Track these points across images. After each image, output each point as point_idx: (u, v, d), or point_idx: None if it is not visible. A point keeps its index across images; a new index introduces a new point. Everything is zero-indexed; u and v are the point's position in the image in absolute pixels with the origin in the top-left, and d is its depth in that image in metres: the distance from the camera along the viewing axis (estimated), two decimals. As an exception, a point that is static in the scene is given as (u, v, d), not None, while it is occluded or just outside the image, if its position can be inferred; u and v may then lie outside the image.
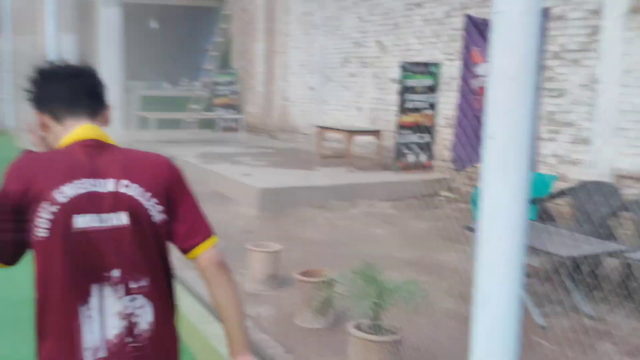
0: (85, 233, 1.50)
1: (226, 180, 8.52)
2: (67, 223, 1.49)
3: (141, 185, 1.57)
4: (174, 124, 13.88)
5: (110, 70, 9.91)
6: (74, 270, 1.50)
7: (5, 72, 17.77)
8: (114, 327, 1.53)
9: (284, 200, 7.50)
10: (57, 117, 1.64)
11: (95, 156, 1.57)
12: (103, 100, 1.71)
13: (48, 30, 9.23)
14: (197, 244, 1.63)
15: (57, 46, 10.62)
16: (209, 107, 14.77)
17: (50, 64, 1.67)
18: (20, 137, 13.38)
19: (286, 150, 11.68)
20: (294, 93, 12.90)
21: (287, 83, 13.21)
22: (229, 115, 13.50)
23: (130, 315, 1.54)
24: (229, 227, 6.50)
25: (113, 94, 2.18)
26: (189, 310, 4.11)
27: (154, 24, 14.91)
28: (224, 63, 15.19)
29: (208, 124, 14.92)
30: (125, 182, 1.55)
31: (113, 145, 1.64)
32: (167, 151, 11.16)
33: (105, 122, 1.70)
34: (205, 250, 1.63)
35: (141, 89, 15.08)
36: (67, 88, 1.65)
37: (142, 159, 1.64)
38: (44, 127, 1.66)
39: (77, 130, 1.61)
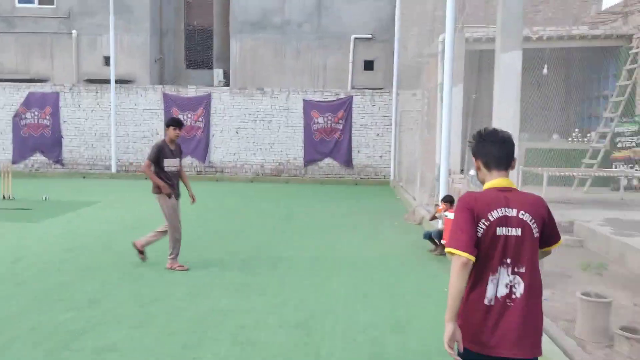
0: (501, 237, 2.73)
1: (657, 261, 6.47)
2: (493, 231, 2.73)
3: (530, 214, 2.75)
4: (565, 181, 12.16)
5: (506, 121, 8.89)
6: (490, 256, 2.74)
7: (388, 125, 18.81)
8: (502, 290, 2.73)
9: None
10: (487, 166, 2.88)
11: (507, 196, 2.78)
12: (513, 157, 2.89)
13: (446, 83, 8.74)
14: (553, 243, 2.87)
15: (449, 98, 10.15)
16: (606, 162, 12.55)
17: (487, 130, 2.92)
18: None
19: None
20: None
21: None
22: (636, 172, 11.03)
23: (512, 286, 2.72)
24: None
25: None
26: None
27: (545, 69, 13.56)
28: (626, 110, 12.78)
29: (605, 182, 12.71)
30: (522, 211, 2.75)
31: (515, 189, 2.85)
32: (563, 213, 9.55)
33: (512, 169, 2.89)
34: (553, 247, 2.89)
35: (526, 141, 13.80)
36: (498, 150, 2.84)
37: (530, 198, 2.81)
38: (478, 168, 2.93)
39: (498, 179, 2.84)
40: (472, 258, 2.66)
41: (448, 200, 8.40)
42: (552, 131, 14.95)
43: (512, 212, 2.71)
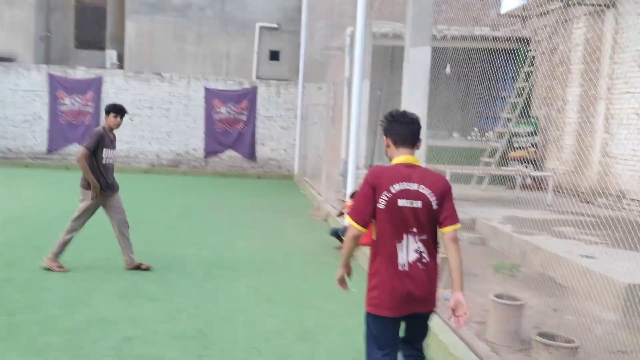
0: (402, 208, 3.00)
1: (558, 261, 6.51)
2: (394, 202, 2.99)
3: (430, 189, 3.02)
4: (463, 179, 12.35)
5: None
6: (396, 225, 3.01)
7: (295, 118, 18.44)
8: (413, 256, 3.03)
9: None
10: (395, 144, 3.14)
11: (409, 171, 3.05)
12: (419, 137, 3.17)
13: (355, 78, 8.44)
14: (448, 224, 3.06)
15: (359, 93, 9.87)
16: (504, 161, 12.90)
17: (397, 111, 3.24)
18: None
19: (614, 220, 9.12)
20: (622, 149, 10.31)
21: (611, 136, 10.67)
22: (535, 172, 11.37)
23: (420, 252, 3.03)
24: (583, 336, 4.56)
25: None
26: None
27: (447, 69, 13.71)
28: (523, 111, 13.20)
29: (501, 180, 13.07)
30: (422, 185, 3.02)
31: (419, 165, 3.11)
32: (465, 210, 9.58)
33: (417, 149, 3.16)
34: (450, 230, 3.07)
35: (427, 139, 13.91)
36: (405, 130, 3.13)
37: (432, 174, 3.11)
38: (388, 146, 3.18)
39: (404, 156, 3.10)
40: (363, 230, 3.03)
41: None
42: (452, 130, 15.23)
43: (413, 186, 3.00)
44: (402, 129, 3.11)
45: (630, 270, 5.80)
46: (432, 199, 2.99)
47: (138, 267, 6.65)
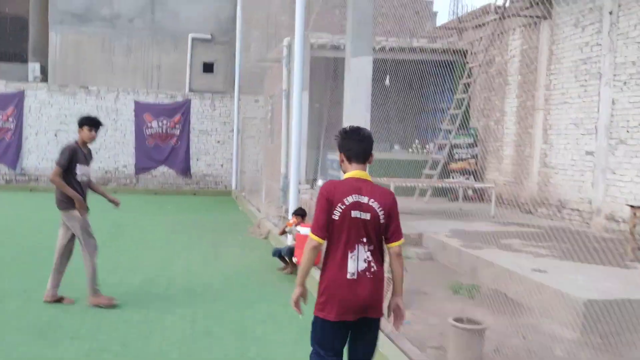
0: (355, 219, 3.14)
1: (510, 276, 6.28)
2: (348, 214, 3.14)
3: (378, 203, 3.17)
4: (406, 191, 12.14)
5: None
6: (349, 236, 3.14)
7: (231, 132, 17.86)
8: (362, 265, 3.15)
9: (618, 318, 5.03)
10: (349, 159, 3.28)
11: (361, 185, 3.20)
12: (371, 153, 3.30)
13: (295, 90, 8.04)
14: (394, 241, 3.23)
15: (299, 105, 9.49)
16: (445, 172, 12.81)
17: (351, 128, 3.36)
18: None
19: (558, 231, 9.10)
20: (561, 159, 10.37)
21: (549, 146, 10.74)
22: (478, 184, 11.28)
23: (369, 261, 3.16)
24: (544, 357, 4.31)
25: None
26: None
27: (387, 82, 13.55)
28: (462, 123, 13.19)
29: (443, 192, 12.97)
30: (372, 199, 3.17)
31: (370, 181, 3.25)
32: (410, 224, 9.32)
33: (369, 163, 3.29)
34: (396, 246, 3.23)
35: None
36: (358, 146, 3.26)
37: (381, 190, 3.25)
38: (342, 161, 3.33)
39: (356, 171, 3.24)
40: (322, 241, 3.16)
41: (300, 213, 7.66)
42: (393, 142, 15.08)
43: (364, 199, 3.14)
44: (355, 145, 3.26)
45: (585, 285, 5.62)
46: (380, 213, 3.16)
47: (59, 301, 5.94)
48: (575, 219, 9.93)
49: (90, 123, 6.00)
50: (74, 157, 5.84)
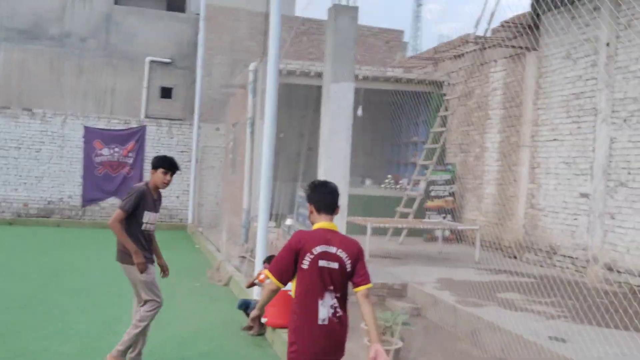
0: (322, 268, 3.28)
1: (525, 345, 5.28)
2: (316, 263, 3.28)
3: (346, 252, 3.32)
4: (378, 230, 11.15)
5: (336, 162, 7.44)
6: (317, 284, 3.27)
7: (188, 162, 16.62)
8: (329, 311, 3.28)
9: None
10: (318, 211, 3.43)
11: (329, 236, 3.35)
12: (337, 205, 3.48)
13: (267, 118, 7.03)
14: (362, 285, 3.32)
15: (270, 134, 8.44)
16: (420, 211, 11.90)
17: (319, 182, 3.54)
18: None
19: (554, 281, 8.23)
20: (551, 200, 9.58)
21: (537, 186, 9.97)
22: (462, 226, 10.35)
23: (335, 307, 3.29)
24: None
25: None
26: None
27: (359, 112, 12.67)
28: (439, 158, 12.36)
29: (418, 232, 12.05)
30: (340, 249, 3.32)
31: (337, 231, 3.42)
32: (389, 271, 8.31)
33: (336, 214, 3.47)
34: (363, 289, 3.32)
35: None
36: (326, 198, 3.44)
37: (348, 240, 3.42)
38: (311, 212, 3.47)
39: (324, 222, 3.41)
40: (281, 286, 3.37)
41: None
42: (364, 176, 14.16)
43: (332, 249, 3.32)
44: (323, 197, 3.45)
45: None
46: (347, 262, 3.32)
47: None
48: (568, 266, 9.10)
49: (167, 166, 5.17)
50: (141, 202, 5.04)
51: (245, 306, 6.52)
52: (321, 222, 3.40)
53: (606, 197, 8.40)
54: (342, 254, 3.29)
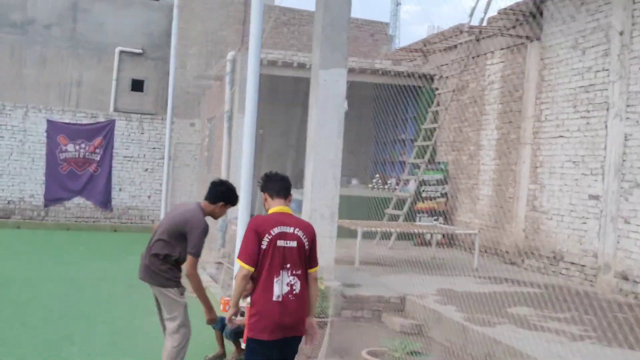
0: (281, 248, 3.52)
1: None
2: (274, 243, 3.51)
3: (303, 232, 3.61)
4: (366, 234, 10.30)
5: (325, 159, 6.57)
6: (274, 263, 3.51)
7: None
8: (286, 288, 3.52)
9: None
10: (271, 197, 3.73)
11: (284, 218, 3.61)
12: (290, 192, 3.77)
13: (247, 111, 6.10)
14: (312, 267, 3.67)
15: (250, 129, 7.48)
16: (410, 213, 11.07)
17: (270, 172, 3.83)
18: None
19: (563, 291, 7.47)
20: (556, 202, 8.83)
21: (539, 187, 9.21)
22: (460, 230, 9.51)
23: (292, 284, 3.54)
24: None
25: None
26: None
27: (344, 106, 11.75)
28: (431, 156, 11.54)
29: (407, 235, 11.21)
30: (297, 229, 3.59)
31: (291, 214, 3.68)
32: (384, 282, 7.45)
33: (290, 202, 3.75)
34: (314, 271, 3.69)
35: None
36: (279, 186, 3.74)
37: (303, 222, 3.77)
38: (265, 200, 3.75)
39: (278, 207, 3.68)
40: (252, 269, 3.53)
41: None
42: (350, 176, 13.29)
43: (289, 230, 3.56)
44: (275, 185, 3.75)
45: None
46: (305, 241, 3.59)
47: None
48: (574, 274, 8.35)
49: (231, 200, 4.56)
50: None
51: (221, 326, 5.54)
52: (276, 207, 3.68)
53: (619, 199, 7.65)
54: (300, 233, 3.58)
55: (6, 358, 5.26)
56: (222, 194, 4.50)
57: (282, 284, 3.48)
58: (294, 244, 3.52)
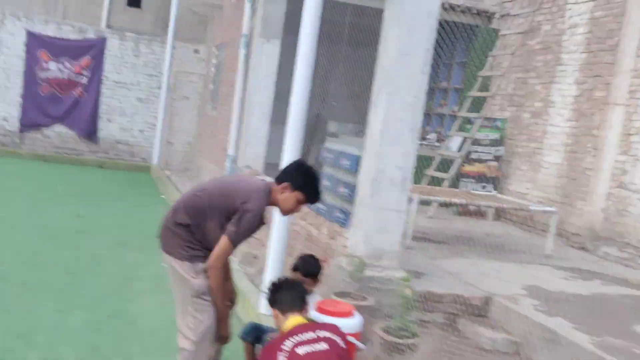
0: (307, 355, 2.75)
1: None
2: (294, 354, 2.76)
3: (331, 332, 2.87)
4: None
5: (403, 110, 4.70)
6: None
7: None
8: None
9: None
10: (282, 312, 2.94)
11: (301, 328, 2.85)
12: (305, 300, 2.99)
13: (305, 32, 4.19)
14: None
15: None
16: (456, 177, 9.30)
17: (278, 280, 3.11)
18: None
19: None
20: (655, 180, 7.07)
21: (632, 159, 7.42)
22: (536, 207, 7.65)
23: None
24: None
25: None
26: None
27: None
28: (476, 108, 9.67)
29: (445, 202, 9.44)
30: (320, 330, 2.85)
31: (313, 322, 3.02)
32: (450, 269, 5.73)
33: (306, 312, 2.99)
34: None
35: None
36: (289, 296, 2.97)
37: (328, 324, 3.03)
38: (275, 317, 2.98)
39: (292, 321, 2.88)
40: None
41: (310, 270, 3.73)
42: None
43: (310, 335, 2.81)
44: (286, 295, 3.00)
45: None
46: (337, 338, 2.87)
47: None
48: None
49: (314, 198, 3.23)
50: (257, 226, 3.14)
51: (255, 335, 3.77)
52: (290, 322, 2.90)
53: None
54: (327, 334, 2.85)
55: None
56: (304, 182, 3.13)
57: None
58: (324, 345, 2.79)
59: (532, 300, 5.10)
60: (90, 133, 13.39)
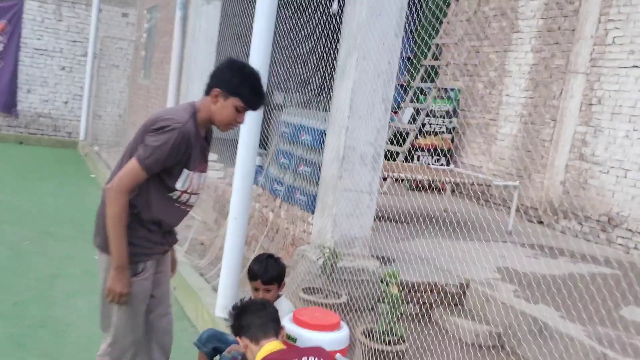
0: None
1: None
2: None
3: (319, 356, 2.42)
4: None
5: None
6: None
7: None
8: None
9: None
10: (255, 341, 2.40)
11: (284, 354, 2.38)
12: (280, 324, 2.50)
13: None
14: None
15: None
16: (408, 150, 8.90)
17: (243, 302, 2.56)
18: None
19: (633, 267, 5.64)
20: (616, 151, 6.88)
21: (593, 130, 7.21)
22: (499, 182, 7.32)
23: None
24: None
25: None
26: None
27: (334, 6, 9.11)
28: (431, 78, 9.28)
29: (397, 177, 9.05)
30: (309, 357, 2.36)
31: (293, 345, 2.63)
32: (417, 252, 5.31)
33: (283, 337, 2.55)
34: None
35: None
36: (261, 318, 2.44)
37: (315, 348, 2.52)
38: (245, 348, 2.44)
39: (268, 347, 2.36)
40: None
41: (271, 275, 3.11)
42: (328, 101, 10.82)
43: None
44: (256, 318, 2.45)
45: None
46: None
47: None
48: (635, 245, 6.55)
49: (255, 101, 2.54)
50: (185, 151, 2.43)
51: (213, 346, 3.15)
52: (266, 349, 2.37)
53: None
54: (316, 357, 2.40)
55: None
56: (238, 83, 2.47)
57: None
58: None
59: (508, 285, 4.73)
60: (8, 105, 12.10)
